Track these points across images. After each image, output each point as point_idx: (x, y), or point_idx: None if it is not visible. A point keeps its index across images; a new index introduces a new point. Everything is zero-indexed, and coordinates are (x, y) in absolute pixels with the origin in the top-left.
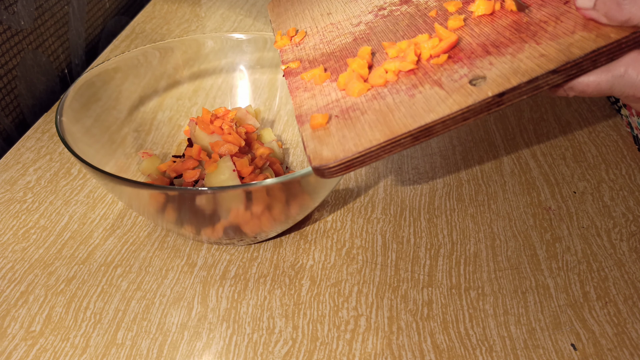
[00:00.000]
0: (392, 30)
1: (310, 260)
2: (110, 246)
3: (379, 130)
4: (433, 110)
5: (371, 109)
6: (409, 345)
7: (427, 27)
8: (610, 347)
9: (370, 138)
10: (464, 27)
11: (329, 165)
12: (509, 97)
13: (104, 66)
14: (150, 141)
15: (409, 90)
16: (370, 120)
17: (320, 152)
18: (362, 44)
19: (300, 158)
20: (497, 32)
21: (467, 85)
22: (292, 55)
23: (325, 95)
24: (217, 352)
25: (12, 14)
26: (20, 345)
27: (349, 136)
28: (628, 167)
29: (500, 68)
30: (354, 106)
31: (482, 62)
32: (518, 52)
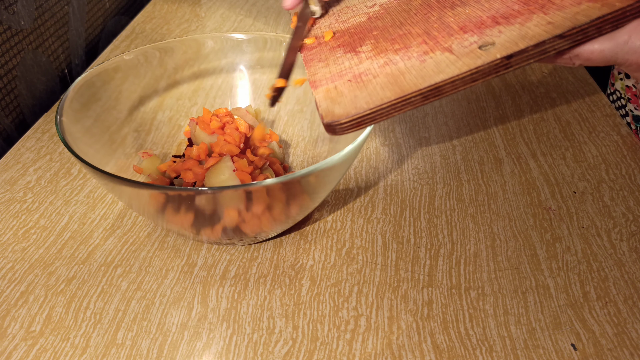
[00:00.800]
0: (405, 10)
1: (310, 260)
2: (110, 246)
3: (390, 90)
4: (442, 72)
5: (383, 73)
6: (409, 345)
7: (439, 4)
8: (610, 347)
9: (382, 96)
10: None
11: (341, 121)
12: (516, 59)
13: (104, 66)
14: (150, 141)
15: (420, 57)
16: (382, 82)
17: (332, 109)
18: (375, 22)
19: (300, 158)
20: (507, 6)
21: (477, 50)
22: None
23: (339, 64)
24: (217, 352)
25: (12, 14)
26: (20, 345)
27: (361, 96)
28: (628, 167)
29: (509, 35)
30: (366, 71)
31: (491, 30)
32: (526, 21)
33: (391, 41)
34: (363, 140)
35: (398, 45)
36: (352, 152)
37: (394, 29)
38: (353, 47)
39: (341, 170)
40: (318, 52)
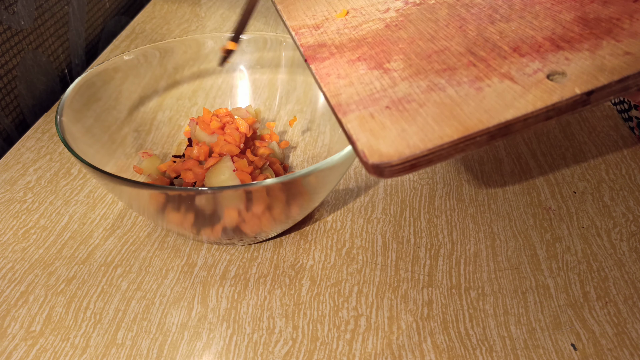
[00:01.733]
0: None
1: (310, 260)
2: (110, 246)
3: (449, 126)
4: (512, 106)
5: (430, 102)
6: (409, 345)
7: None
8: (610, 347)
9: (440, 134)
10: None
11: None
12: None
13: (104, 66)
14: (150, 141)
15: (472, 83)
16: (434, 113)
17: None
18: (397, 31)
19: (300, 158)
20: (563, 27)
21: (546, 80)
22: (311, 39)
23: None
24: (217, 352)
25: (12, 14)
26: (20, 345)
27: (411, 131)
28: (628, 167)
29: (581, 64)
30: (407, 97)
31: (555, 56)
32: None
33: (427, 58)
34: None
35: (438, 65)
36: (352, 152)
37: (424, 42)
38: (379, 63)
39: (341, 170)
40: (333, 64)
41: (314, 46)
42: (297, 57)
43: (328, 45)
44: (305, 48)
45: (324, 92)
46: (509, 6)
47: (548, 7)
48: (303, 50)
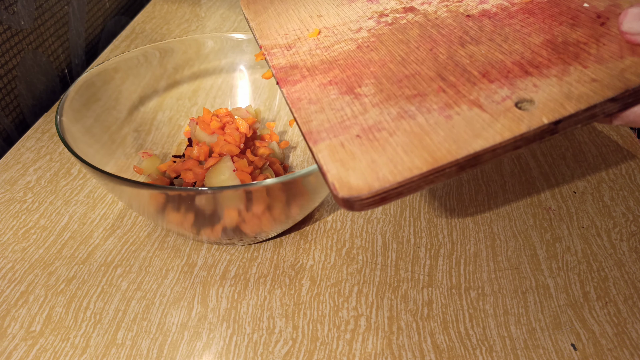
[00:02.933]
0: (402, 40)
1: (310, 260)
2: (110, 246)
3: (418, 157)
4: (480, 136)
5: (400, 130)
6: (409, 345)
7: (444, 39)
8: (610, 347)
9: (410, 166)
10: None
11: (362, 196)
12: (564, 125)
13: (104, 66)
14: (150, 141)
15: (442, 110)
16: (403, 143)
17: (347, 179)
18: (368, 53)
19: (300, 158)
20: (532, 51)
21: (514, 108)
22: (283, 60)
23: (338, 110)
24: (217, 352)
25: (12, 14)
26: (20, 345)
27: (381, 162)
28: (628, 167)
29: (549, 91)
30: (377, 125)
31: (523, 82)
32: (564, 74)
33: (397, 83)
34: None
35: (409, 91)
36: None
37: (396, 66)
38: (350, 87)
39: None
40: (305, 88)
41: (286, 68)
42: None
43: (300, 67)
44: (277, 70)
45: (295, 117)
46: (479, 28)
47: (517, 29)
48: (275, 72)
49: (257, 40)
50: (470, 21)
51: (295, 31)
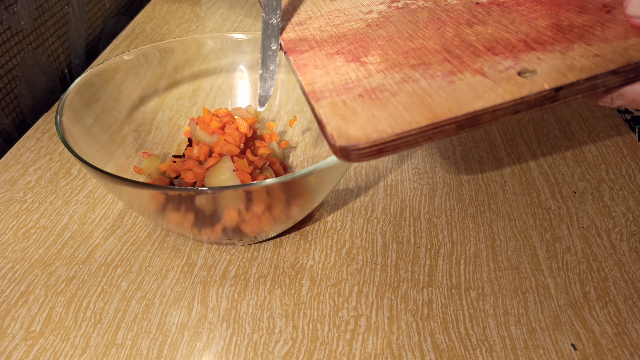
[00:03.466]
0: (411, 21)
1: (310, 260)
2: (110, 246)
3: (419, 113)
4: (481, 98)
5: (403, 92)
6: (409, 345)
7: (452, 20)
8: (610, 347)
9: (409, 120)
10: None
11: (359, 145)
12: (564, 93)
13: (104, 66)
14: (150, 141)
15: (445, 77)
16: (405, 102)
17: (346, 130)
18: (377, 30)
19: (300, 158)
20: (537, 31)
21: (517, 76)
22: (293, 34)
23: (342, 75)
24: (217, 352)
25: (12, 14)
26: (20, 345)
27: (381, 116)
28: (628, 167)
29: (552, 63)
30: (380, 87)
31: (527, 56)
32: (567, 50)
33: (404, 54)
34: None
35: (414, 60)
36: None
37: (403, 40)
38: (356, 56)
39: (341, 170)
40: (311, 57)
41: (295, 40)
42: None
43: (309, 40)
44: (286, 42)
45: (300, 80)
46: (487, 12)
47: (525, 14)
48: (284, 43)
49: None
50: (479, 7)
51: (307, 12)
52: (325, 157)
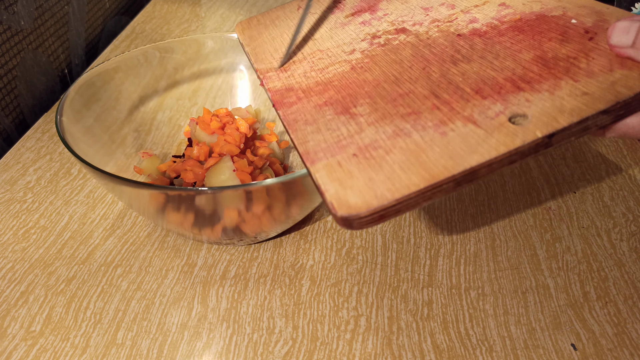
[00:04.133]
0: (395, 61)
1: (310, 260)
2: (110, 246)
3: (415, 174)
4: (475, 152)
5: (397, 148)
6: (409, 345)
7: (436, 58)
8: (610, 347)
9: (407, 183)
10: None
11: (360, 214)
12: (557, 138)
13: (104, 66)
14: (150, 141)
15: (437, 127)
16: (400, 160)
17: (346, 198)
18: (362, 73)
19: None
20: (523, 67)
21: (508, 123)
22: (279, 83)
23: (334, 130)
24: (217, 352)
25: (12, 14)
26: (20, 345)
27: (378, 179)
28: (628, 167)
29: (541, 106)
30: (373, 143)
31: (516, 97)
32: (555, 89)
33: (392, 102)
34: None
35: (403, 109)
36: None
37: (390, 85)
38: (345, 107)
39: None
40: (300, 110)
41: (282, 90)
42: None
43: (295, 89)
44: (272, 93)
45: (292, 139)
46: (470, 46)
47: (508, 46)
48: (271, 95)
49: (252, 64)
50: (461, 40)
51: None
52: None
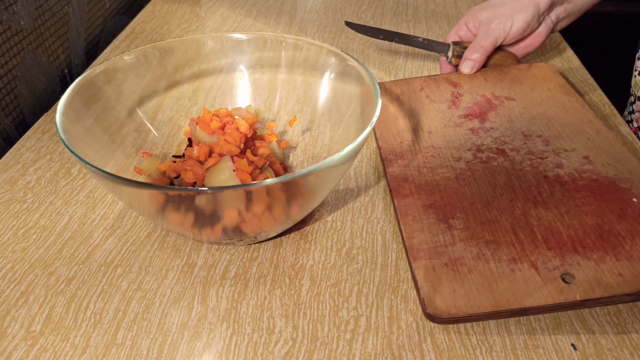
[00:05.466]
0: (491, 183)
1: (310, 260)
2: (110, 246)
3: (486, 298)
4: (531, 295)
5: (477, 270)
6: (409, 345)
7: (522, 192)
8: (610, 347)
9: (478, 304)
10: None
11: (442, 316)
12: (589, 303)
13: (104, 66)
14: (150, 141)
15: (509, 263)
16: (477, 282)
17: (434, 300)
18: (463, 186)
19: (300, 158)
20: (584, 231)
21: (560, 279)
22: (397, 169)
23: (435, 235)
24: (217, 352)
25: (12, 14)
26: (20, 345)
27: (459, 293)
28: None
29: (587, 273)
30: (461, 259)
31: (572, 258)
32: (601, 261)
33: (481, 225)
34: (363, 140)
35: (488, 236)
36: (352, 152)
37: (482, 207)
38: (445, 217)
39: (341, 170)
40: (411, 205)
41: (399, 179)
42: (297, 57)
43: (409, 181)
44: (391, 177)
45: (402, 230)
46: (550, 192)
47: (579, 204)
48: (389, 179)
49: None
50: (545, 183)
51: (408, 142)
52: (325, 157)
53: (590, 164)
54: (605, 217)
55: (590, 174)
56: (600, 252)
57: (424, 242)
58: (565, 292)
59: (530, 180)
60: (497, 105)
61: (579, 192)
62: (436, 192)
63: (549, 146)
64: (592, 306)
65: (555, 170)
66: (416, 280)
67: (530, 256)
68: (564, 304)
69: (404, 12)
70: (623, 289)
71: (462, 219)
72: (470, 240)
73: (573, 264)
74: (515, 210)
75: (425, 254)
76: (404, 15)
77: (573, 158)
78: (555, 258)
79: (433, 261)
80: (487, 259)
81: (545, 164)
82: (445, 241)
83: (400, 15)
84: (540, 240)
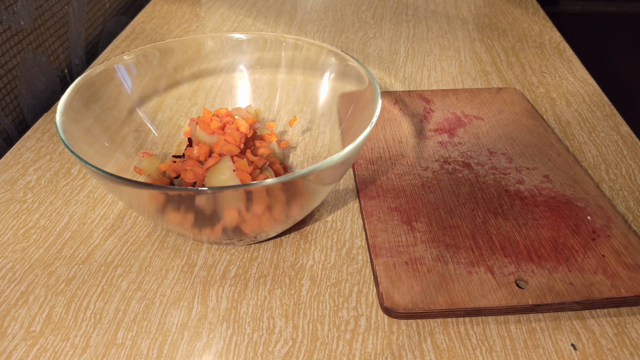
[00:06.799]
0: (455, 193)
1: (310, 260)
2: (110, 246)
3: (442, 296)
4: (486, 297)
5: (435, 270)
6: (409, 345)
7: (484, 203)
8: (610, 347)
9: (435, 301)
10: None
11: (398, 310)
12: (540, 308)
13: (104, 66)
14: (150, 141)
15: (467, 266)
16: (435, 281)
17: (392, 294)
18: (429, 193)
19: (300, 158)
20: (540, 242)
21: (514, 284)
22: (366, 173)
23: (397, 235)
24: (217, 352)
25: (12, 14)
26: (20, 345)
27: (417, 289)
28: (628, 167)
29: (540, 280)
30: (421, 259)
31: (527, 265)
32: (554, 271)
33: (443, 230)
34: (363, 140)
35: (449, 240)
36: (352, 152)
37: (445, 213)
38: (409, 219)
39: (341, 170)
40: (377, 206)
41: (367, 181)
42: (297, 57)
43: (377, 185)
44: (360, 179)
45: (366, 228)
46: (510, 205)
47: (536, 218)
48: (358, 180)
49: None
50: (506, 196)
51: (379, 149)
52: (325, 157)
53: (550, 182)
54: (561, 231)
55: (549, 191)
56: (554, 262)
57: (387, 241)
58: (518, 296)
59: (492, 193)
60: (467, 123)
61: (537, 207)
62: (402, 197)
63: (512, 163)
64: (543, 311)
65: (517, 185)
66: (376, 275)
67: (487, 261)
68: (517, 307)
69: (404, 12)
70: (573, 297)
71: (425, 222)
72: (432, 243)
73: (527, 271)
74: (476, 219)
75: (387, 251)
76: (404, 15)
77: (534, 176)
78: (510, 264)
79: (394, 259)
80: (447, 260)
81: (507, 179)
82: (407, 242)
83: (400, 15)
84: (498, 247)
